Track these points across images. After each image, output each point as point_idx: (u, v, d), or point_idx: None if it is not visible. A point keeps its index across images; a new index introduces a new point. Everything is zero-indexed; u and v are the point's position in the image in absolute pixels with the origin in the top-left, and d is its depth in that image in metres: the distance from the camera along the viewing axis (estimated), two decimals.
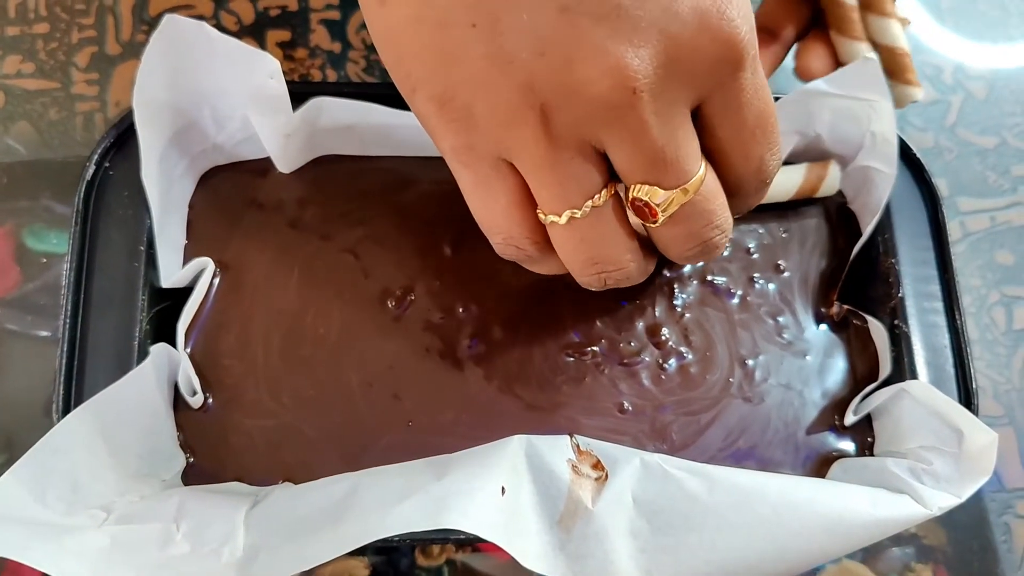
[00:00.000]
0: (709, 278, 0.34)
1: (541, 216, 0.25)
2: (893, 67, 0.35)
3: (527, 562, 0.25)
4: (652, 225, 0.25)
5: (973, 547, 0.36)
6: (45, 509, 0.25)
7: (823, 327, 0.34)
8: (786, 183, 0.34)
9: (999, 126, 0.42)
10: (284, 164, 0.33)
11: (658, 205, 0.24)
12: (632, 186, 0.24)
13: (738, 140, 0.25)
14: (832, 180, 0.34)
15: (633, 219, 0.26)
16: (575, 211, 0.24)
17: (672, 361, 0.33)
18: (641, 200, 0.24)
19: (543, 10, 0.21)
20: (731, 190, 0.26)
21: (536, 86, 0.22)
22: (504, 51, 0.21)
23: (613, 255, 0.26)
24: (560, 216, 0.25)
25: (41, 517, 0.25)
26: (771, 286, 0.34)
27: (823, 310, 0.34)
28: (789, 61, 0.37)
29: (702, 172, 0.24)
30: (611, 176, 0.24)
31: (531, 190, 0.25)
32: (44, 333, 0.36)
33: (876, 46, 0.35)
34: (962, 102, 0.42)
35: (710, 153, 0.25)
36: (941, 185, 0.40)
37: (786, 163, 0.34)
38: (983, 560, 0.36)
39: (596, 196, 0.24)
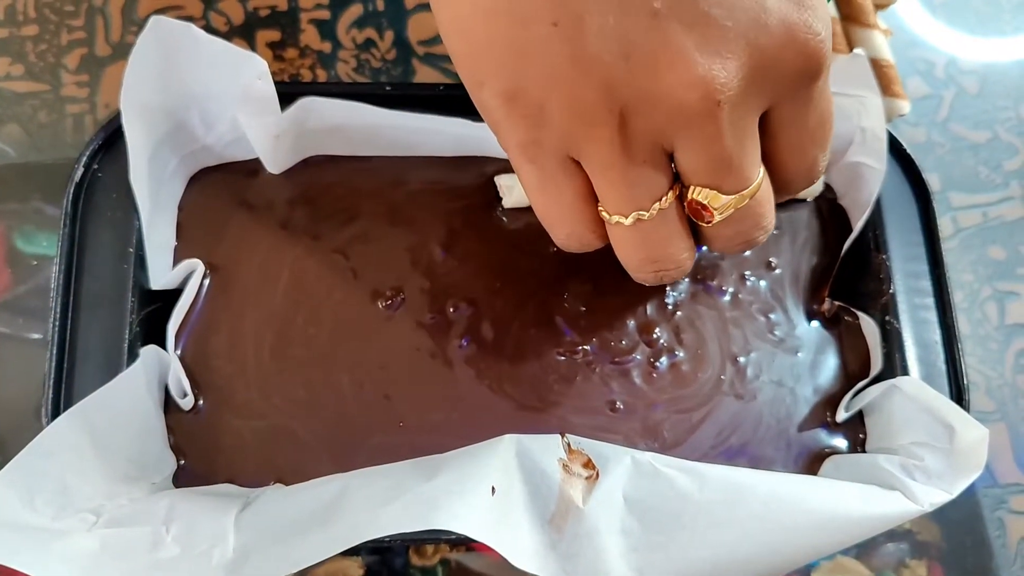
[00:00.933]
0: (700, 276, 0.34)
1: (605, 216, 0.25)
2: (879, 80, 0.35)
3: (518, 562, 0.25)
4: (704, 225, 0.26)
5: (967, 542, 0.36)
6: (34, 513, 0.25)
7: (814, 324, 0.34)
8: None
9: (991, 120, 0.42)
10: (273, 165, 0.33)
11: (716, 209, 0.24)
12: (693, 188, 0.24)
13: (798, 143, 0.25)
14: (813, 188, 0.34)
15: None
16: (642, 213, 0.24)
17: (663, 359, 0.33)
18: (700, 203, 0.24)
19: (633, 14, 0.21)
20: (779, 187, 0.26)
21: (617, 89, 0.22)
22: (587, 52, 0.21)
23: (673, 254, 0.26)
24: (626, 218, 0.25)
25: (30, 521, 0.25)
26: (762, 283, 0.34)
27: (814, 307, 0.34)
28: None
29: (760, 177, 0.25)
30: (675, 177, 0.25)
31: (596, 189, 0.25)
32: (35, 336, 0.36)
33: None
34: (954, 97, 0.42)
35: (769, 155, 0.25)
36: (933, 180, 0.40)
37: None
38: (977, 555, 0.36)
39: (663, 199, 0.24)
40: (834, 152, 0.34)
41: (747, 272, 0.34)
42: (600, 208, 0.25)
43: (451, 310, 0.32)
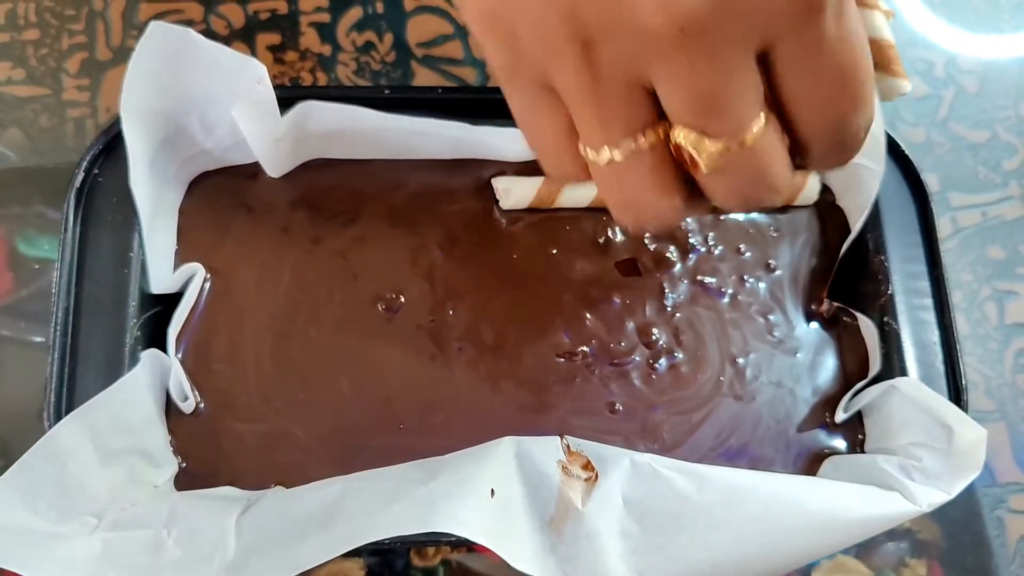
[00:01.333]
0: (699, 278, 0.34)
1: (581, 149, 0.24)
2: (879, 59, 0.34)
3: (518, 564, 0.26)
4: (697, 175, 0.24)
5: (966, 541, 0.36)
6: (36, 517, 0.25)
7: (813, 325, 0.34)
8: None
9: (991, 120, 0.42)
10: (273, 168, 0.33)
11: (702, 156, 0.22)
12: (676, 129, 0.22)
13: (811, 95, 0.22)
14: (810, 191, 0.34)
15: None
16: (614, 150, 0.23)
17: (663, 361, 0.33)
18: (683, 148, 0.22)
19: None
20: (801, 149, 0.24)
21: (580, 13, 0.20)
22: None
23: (651, 202, 0.24)
24: (598, 153, 0.23)
25: (32, 525, 0.25)
26: (761, 285, 0.34)
27: (813, 308, 0.34)
28: None
29: (760, 126, 0.22)
30: (661, 117, 0.23)
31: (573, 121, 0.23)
32: (38, 339, 0.36)
33: None
34: (954, 96, 0.42)
35: (781, 107, 0.23)
36: (932, 180, 0.40)
37: None
38: (976, 554, 0.36)
39: (638, 136, 0.23)
40: None
41: (746, 274, 0.34)
42: (579, 143, 0.24)
43: (450, 312, 0.32)
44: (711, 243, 0.34)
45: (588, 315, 0.33)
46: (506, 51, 0.22)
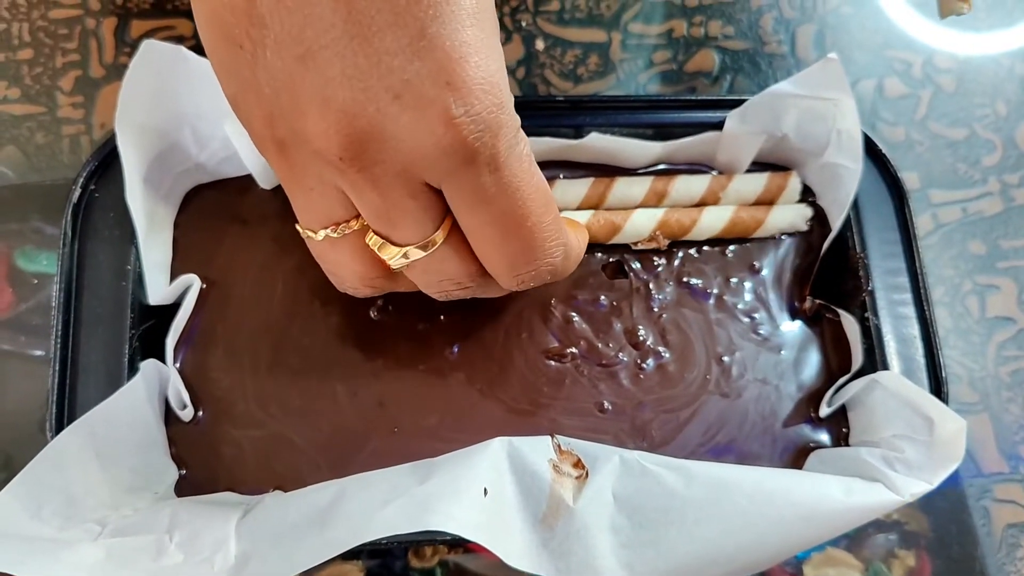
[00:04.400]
0: (685, 279, 0.35)
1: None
2: None
3: (511, 560, 0.26)
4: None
5: (953, 531, 0.37)
6: (41, 524, 0.26)
7: (797, 322, 0.34)
8: (746, 190, 0.35)
9: (968, 118, 0.42)
10: (265, 180, 0.34)
11: (387, 259, 0.25)
12: (368, 232, 0.25)
13: (482, 235, 0.25)
14: (791, 191, 0.35)
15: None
16: (313, 234, 0.26)
17: (650, 361, 0.33)
18: (371, 248, 0.25)
19: (283, 54, 0.21)
20: (491, 273, 0.27)
21: (275, 120, 0.22)
22: (256, 80, 0.22)
23: (347, 278, 0.28)
24: (303, 231, 0.26)
25: (37, 532, 0.26)
26: (746, 284, 0.35)
27: (796, 306, 0.35)
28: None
29: (436, 237, 0.25)
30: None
31: None
32: (38, 352, 0.36)
33: None
34: (931, 96, 0.43)
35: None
36: (912, 178, 0.41)
37: (754, 164, 0.35)
38: (963, 543, 0.36)
39: (335, 228, 0.25)
40: (810, 154, 0.35)
41: (731, 275, 0.35)
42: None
43: (441, 318, 0.33)
44: (696, 246, 0.35)
45: (576, 317, 0.34)
46: (247, 129, 0.24)
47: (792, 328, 0.34)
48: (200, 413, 0.31)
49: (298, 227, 0.26)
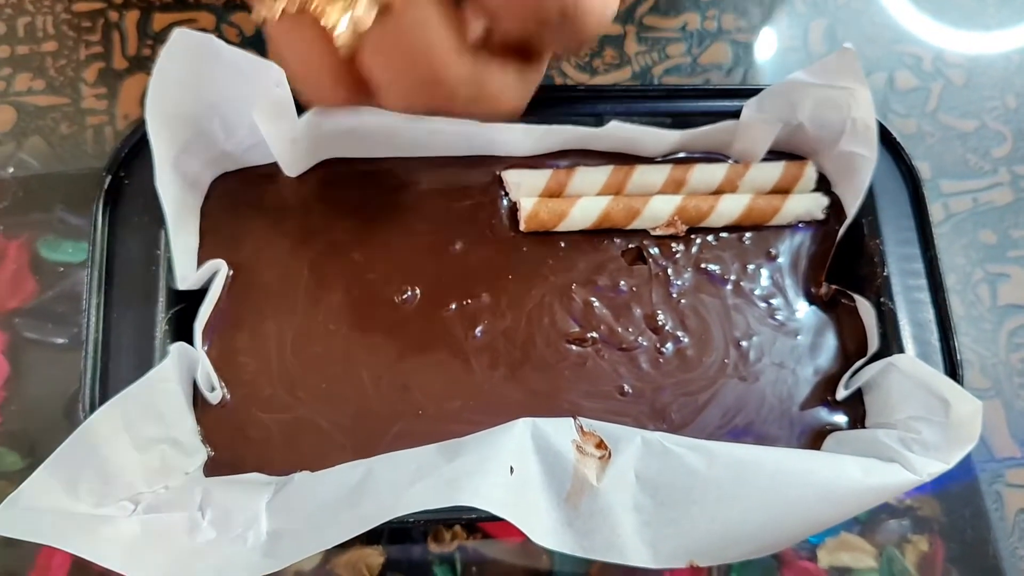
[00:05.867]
0: (703, 266, 0.35)
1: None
2: None
3: (537, 537, 0.27)
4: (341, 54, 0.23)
5: (966, 515, 0.37)
6: (78, 501, 0.26)
7: (813, 307, 0.35)
8: (763, 179, 0.35)
9: (979, 110, 0.43)
10: (291, 168, 0.34)
11: (332, 28, 0.22)
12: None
13: None
14: (808, 180, 0.36)
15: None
16: (266, 12, 0.24)
17: (669, 345, 0.34)
18: (318, 18, 0.22)
19: None
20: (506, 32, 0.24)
21: None
22: None
23: (310, 74, 0.25)
24: (258, 11, 0.24)
25: (74, 508, 0.26)
26: (763, 271, 0.35)
27: (813, 291, 0.35)
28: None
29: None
30: None
31: None
32: (62, 340, 0.37)
33: None
34: (942, 88, 0.43)
35: None
36: (924, 168, 0.41)
37: (771, 152, 0.36)
38: (976, 528, 0.37)
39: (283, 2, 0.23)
40: (826, 142, 0.35)
41: (748, 261, 0.35)
42: None
43: (465, 303, 0.34)
44: (714, 232, 0.36)
45: (596, 302, 0.34)
46: None
47: (808, 313, 0.35)
48: (228, 396, 0.32)
49: (258, 10, 0.24)
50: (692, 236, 0.35)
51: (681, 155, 0.36)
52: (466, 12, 0.23)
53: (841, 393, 0.33)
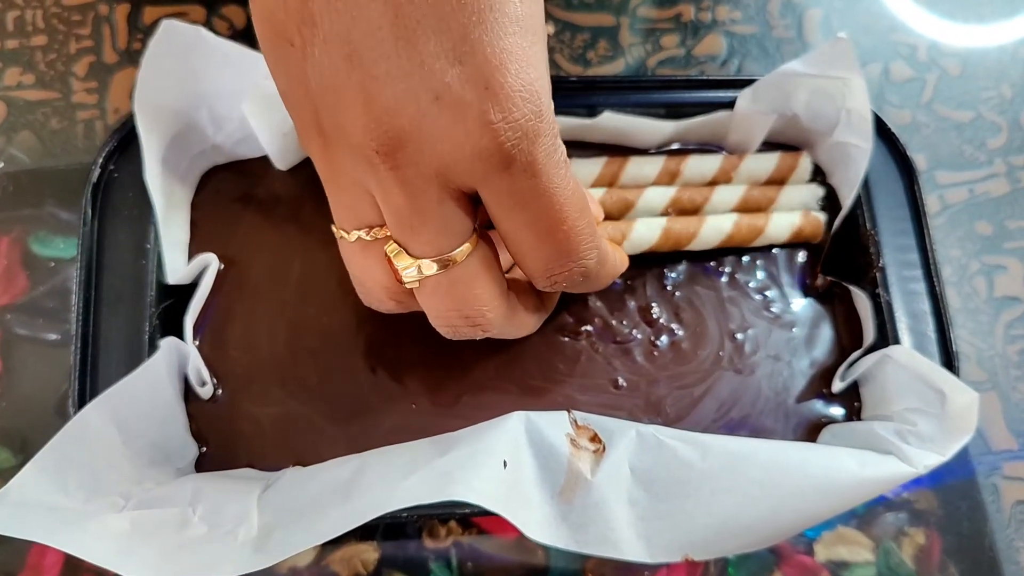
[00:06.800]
0: (697, 258, 0.35)
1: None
2: None
3: (530, 532, 0.26)
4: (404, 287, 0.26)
5: (962, 508, 0.37)
6: (67, 497, 0.26)
7: (808, 299, 0.35)
8: (757, 169, 0.35)
9: (974, 100, 0.43)
10: (281, 161, 0.34)
11: (400, 269, 0.25)
12: (388, 240, 0.25)
13: (517, 237, 0.25)
14: (802, 170, 0.35)
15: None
16: (345, 235, 0.26)
17: (664, 338, 0.34)
18: (388, 256, 0.25)
19: (331, 52, 0.22)
20: (533, 281, 0.27)
21: (320, 114, 0.23)
22: (305, 75, 0.22)
23: (370, 286, 0.27)
24: (336, 231, 0.26)
25: (64, 504, 0.26)
26: (758, 263, 0.35)
27: (808, 283, 0.35)
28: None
29: (457, 254, 0.24)
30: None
31: None
32: (53, 336, 0.37)
33: None
34: (937, 79, 0.43)
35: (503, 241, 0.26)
36: (920, 160, 0.41)
37: (765, 144, 0.36)
38: (973, 520, 0.37)
39: (368, 230, 0.25)
40: (820, 133, 0.35)
41: (743, 253, 0.35)
42: None
43: None
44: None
45: (591, 296, 0.34)
46: (295, 125, 0.25)
47: (804, 305, 0.35)
48: (219, 390, 0.32)
49: (333, 227, 0.26)
50: None
51: (675, 147, 0.36)
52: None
53: (837, 385, 0.33)
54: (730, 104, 0.35)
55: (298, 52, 0.22)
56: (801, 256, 0.35)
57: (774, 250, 0.35)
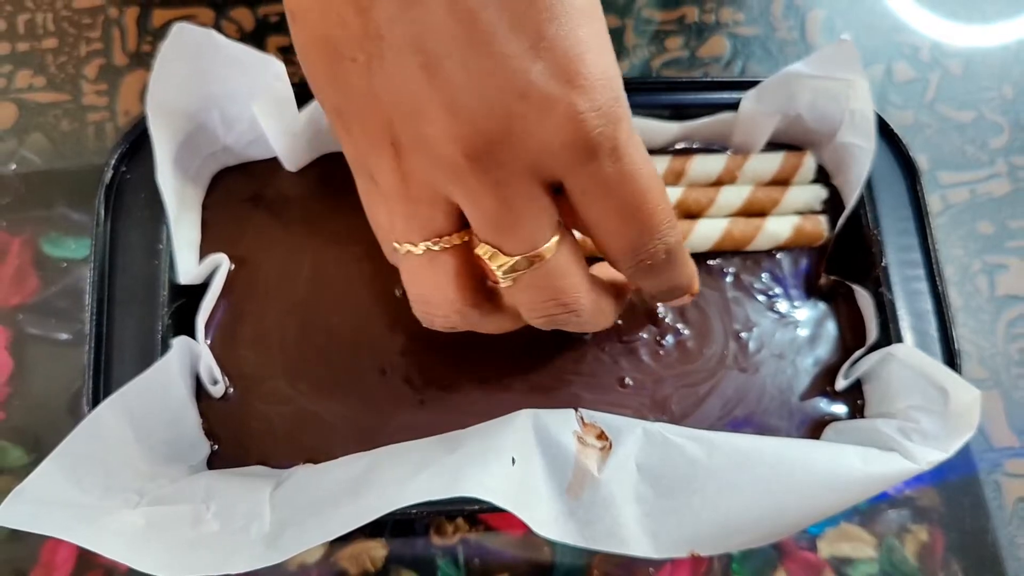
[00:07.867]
0: (703, 259, 0.35)
1: (393, 239, 0.27)
2: None
3: (538, 528, 0.27)
4: (500, 287, 0.26)
5: (965, 505, 0.37)
6: (82, 493, 0.27)
7: (812, 298, 0.35)
8: (762, 169, 0.36)
9: (976, 101, 0.43)
10: (291, 163, 0.34)
11: (497, 268, 0.25)
12: (477, 243, 0.25)
13: (603, 223, 0.25)
14: (806, 170, 0.36)
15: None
16: (413, 247, 0.26)
17: (669, 337, 0.34)
18: (481, 259, 0.25)
19: (404, 63, 0.22)
20: (614, 267, 0.27)
21: (394, 126, 0.23)
22: (372, 89, 0.22)
23: (438, 304, 0.27)
24: (401, 246, 0.26)
25: (79, 500, 0.26)
26: (763, 263, 0.35)
27: (812, 282, 0.35)
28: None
29: (549, 246, 0.25)
30: (465, 226, 0.25)
31: None
32: (65, 336, 0.37)
33: None
34: (939, 79, 0.43)
35: (583, 230, 0.26)
36: (922, 160, 0.42)
37: (769, 144, 0.36)
38: (975, 517, 0.37)
39: (437, 240, 0.25)
40: (824, 134, 0.35)
41: (747, 254, 0.35)
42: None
43: None
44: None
45: None
46: (348, 143, 0.25)
47: (808, 304, 0.35)
48: (230, 389, 0.32)
49: (396, 244, 0.26)
50: None
51: (680, 146, 0.36)
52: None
53: (840, 383, 0.33)
54: (734, 105, 0.35)
55: (362, 67, 0.22)
56: (804, 256, 0.35)
57: (778, 251, 0.35)
